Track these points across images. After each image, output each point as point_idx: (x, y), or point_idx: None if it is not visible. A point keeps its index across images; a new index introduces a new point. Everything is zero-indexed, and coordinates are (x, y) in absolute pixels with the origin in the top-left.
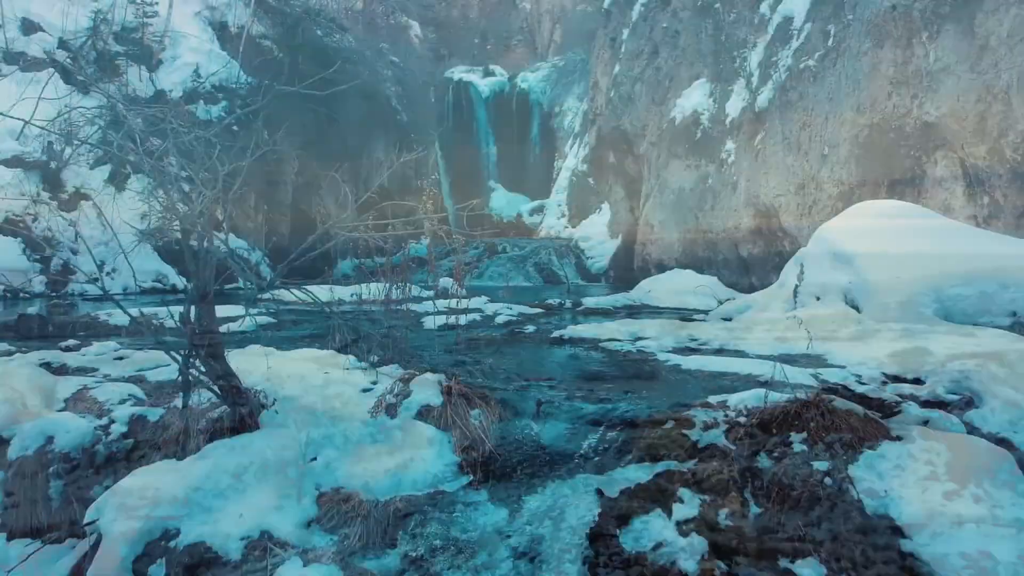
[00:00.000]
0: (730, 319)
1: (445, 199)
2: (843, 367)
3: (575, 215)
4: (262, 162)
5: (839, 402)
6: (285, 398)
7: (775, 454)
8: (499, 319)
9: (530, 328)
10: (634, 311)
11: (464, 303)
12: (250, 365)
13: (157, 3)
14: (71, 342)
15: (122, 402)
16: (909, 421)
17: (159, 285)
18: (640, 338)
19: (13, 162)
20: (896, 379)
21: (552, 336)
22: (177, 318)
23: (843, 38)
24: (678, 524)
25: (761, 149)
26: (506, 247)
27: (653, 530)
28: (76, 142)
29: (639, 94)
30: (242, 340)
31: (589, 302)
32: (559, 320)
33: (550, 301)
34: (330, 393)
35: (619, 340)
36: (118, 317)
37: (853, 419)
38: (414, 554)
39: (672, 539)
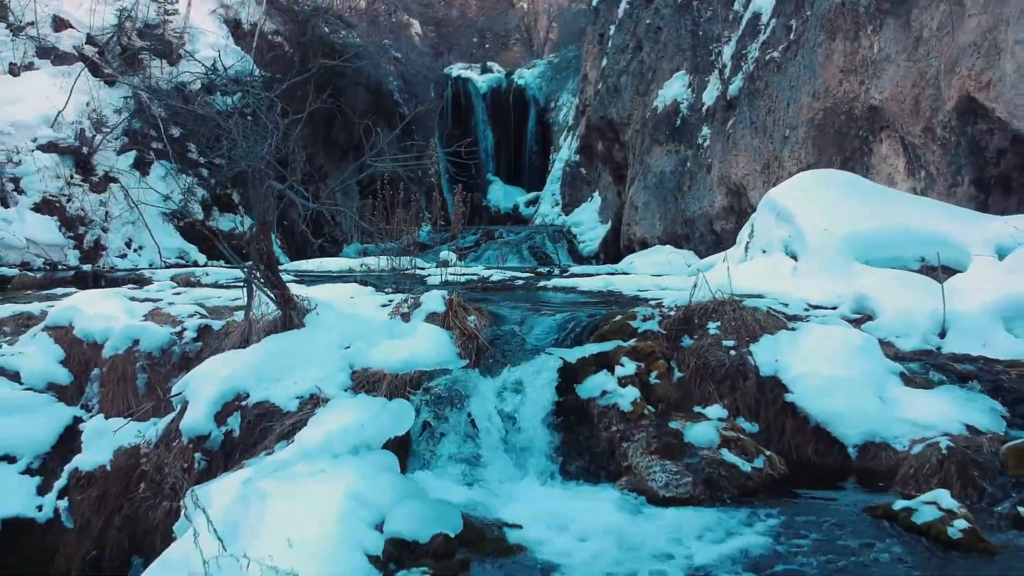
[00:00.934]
0: (695, 273)
1: (444, 191)
2: (775, 300)
3: (568, 204)
4: (274, 150)
5: (748, 302)
6: (323, 306)
7: (695, 336)
8: (493, 278)
9: (520, 282)
10: (615, 275)
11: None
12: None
13: (176, 1)
14: (131, 285)
15: (190, 316)
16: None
17: (181, 261)
18: (613, 285)
19: (48, 148)
20: (817, 307)
21: (538, 285)
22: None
23: (802, 32)
24: (619, 379)
25: (732, 133)
26: (502, 233)
27: (600, 384)
28: (105, 129)
29: (625, 85)
30: None
31: (576, 269)
32: (547, 280)
33: (540, 269)
34: (356, 306)
35: (596, 287)
36: (160, 276)
37: (758, 314)
38: (427, 399)
39: (614, 389)
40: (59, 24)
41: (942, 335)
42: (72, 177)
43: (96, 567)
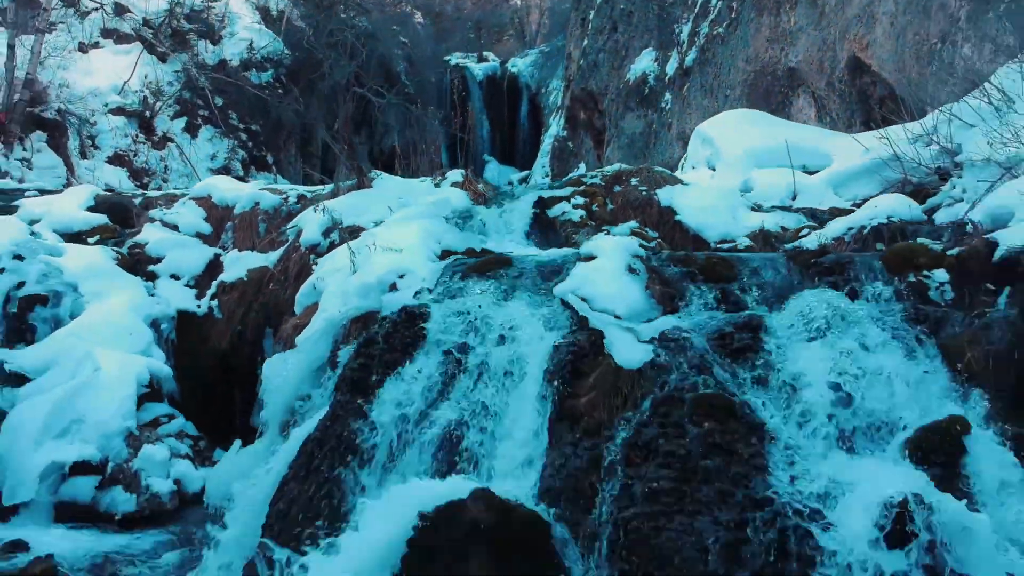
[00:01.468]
0: None
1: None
2: None
3: (557, 175)
4: (300, 120)
5: (658, 169)
6: (384, 176)
7: (622, 186)
8: None
9: None
10: None
11: None
12: None
13: None
14: None
15: (291, 189)
16: None
17: None
18: None
19: (117, 112)
20: None
21: None
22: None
23: (740, 10)
24: (573, 207)
25: (686, 96)
26: None
27: (561, 209)
28: (164, 97)
29: (602, 62)
30: None
31: None
32: None
33: None
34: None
35: None
36: None
37: (665, 175)
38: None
39: (570, 211)
40: (120, 9)
41: (794, 198)
42: (137, 136)
43: (240, 339)
